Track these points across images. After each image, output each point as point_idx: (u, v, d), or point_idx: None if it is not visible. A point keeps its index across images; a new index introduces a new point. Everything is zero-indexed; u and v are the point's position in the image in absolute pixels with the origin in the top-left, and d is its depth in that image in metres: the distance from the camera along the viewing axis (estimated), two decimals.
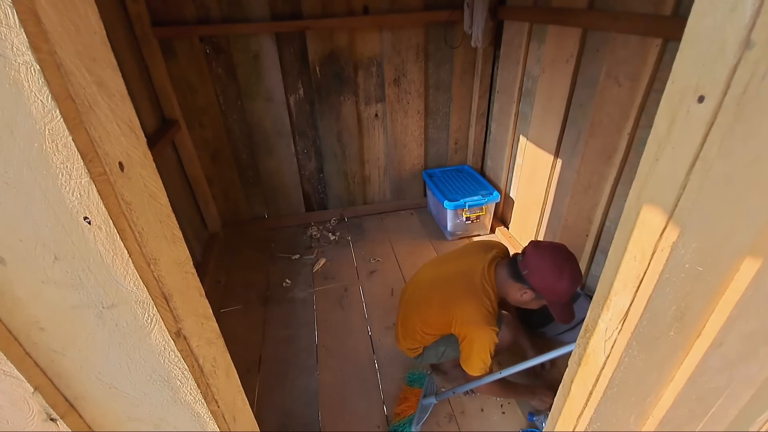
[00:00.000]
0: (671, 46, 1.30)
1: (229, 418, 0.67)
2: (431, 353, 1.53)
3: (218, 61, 2.21)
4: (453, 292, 1.36)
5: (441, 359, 1.55)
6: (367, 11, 2.24)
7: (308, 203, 2.84)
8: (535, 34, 2.00)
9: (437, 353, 1.52)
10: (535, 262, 1.25)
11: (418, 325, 1.44)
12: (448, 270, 1.45)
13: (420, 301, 1.46)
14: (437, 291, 1.41)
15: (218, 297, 2.17)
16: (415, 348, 1.53)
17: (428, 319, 1.41)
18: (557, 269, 1.22)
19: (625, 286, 0.54)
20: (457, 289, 1.35)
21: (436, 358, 1.55)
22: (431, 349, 1.52)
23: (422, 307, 1.44)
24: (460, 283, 1.36)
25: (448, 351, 1.49)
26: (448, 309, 1.34)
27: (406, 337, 1.52)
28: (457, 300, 1.33)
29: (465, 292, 1.33)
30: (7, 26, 0.30)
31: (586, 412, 0.70)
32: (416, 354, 1.55)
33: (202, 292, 0.58)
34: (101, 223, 0.40)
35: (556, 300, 1.28)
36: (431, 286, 1.45)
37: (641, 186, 0.48)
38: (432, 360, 1.57)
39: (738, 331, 0.57)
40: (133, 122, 0.44)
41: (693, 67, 0.39)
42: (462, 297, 1.32)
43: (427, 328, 1.43)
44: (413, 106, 2.61)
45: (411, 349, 1.54)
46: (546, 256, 1.24)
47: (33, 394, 0.51)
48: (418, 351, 1.53)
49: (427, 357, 1.55)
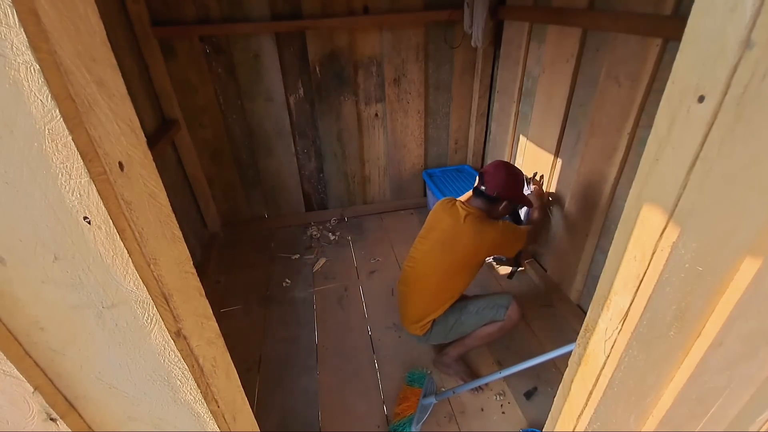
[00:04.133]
0: (671, 46, 1.30)
1: (229, 418, 0.67)
2: (440, 328, 1.54)
3: (218, 61, 2.21)
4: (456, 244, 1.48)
5: (449, 336, 1.57)
6: (367, 11, 2.24)
7: (308, 203, 2.84)
8: (535, 34, 2.00)
9: (447, 327, 1.54)
10: (496, 181, 1.50)
11: (433, 285, 1.51)
12: (436, 237, 1.54)
13: (427, 268, 1.53)
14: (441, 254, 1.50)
15: (218, 297, 2.17)
16: (425, 324, 1.54)
17: (445, 272, 1.50)
18: (512, 175, 1.53)
19: (625, 286, 0.54)
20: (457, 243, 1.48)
21: (445, 334, 1.56)
22: (441, 323, 1.53)
23: (430, 269, 1.52)
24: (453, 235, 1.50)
25: (457, 324, 1.52)
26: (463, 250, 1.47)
27: (413, 310, 1.56)
28: (462, 243, 1.47)
29: (469, 225, 1.47)
30: (6, 26, 0.30)
31: (586, 411, 0.70)
32: (425, 330, 1.55)
33: (202, 292, 0.57)
34: (101, 222, 0.40)
35: (522, 197, 1.62)
36: (432, 252, 1.53)
37: (641, 186, 0.48)
38: (440, 338, 1.58)
39: (738, 330, 0.57)
40: (133, 122, 0.44)
41: (693, 67, 0.39)
42: (470, 229, 1.47)
43: (442, 288, 1.51)
44: (413, 105, 2.61)
45: (420, 326, 1.55)
46: (500, 173, 1.51)
47: (33, 393, 0.51)
48: (427, 326, 1.55)
49: (436, 333, 1.56)
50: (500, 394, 1.58)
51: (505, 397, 1.57)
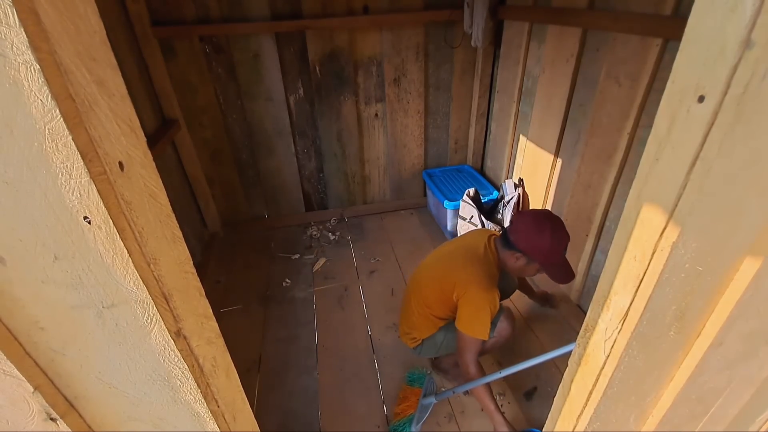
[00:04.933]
0: (671, 46, 1.30)
1: (229, 418, 0.67)
2: (430, 345, 1.54)
3: (218, 61, 2.21)
4: (455, 262, 1.41)
5: (440, 351, 1.56)
6: (367, 11, 2.24)
7: (308, 203, 2.84)
8: (535, 34, 2.00)
9: (435, 345, 1.53)
10: (518, 225, 1.35)
11: (416, 306, 1.47)
12: (449, 248, 1.51)
13: (421, 281, 1.49)
14: (439, 266, 1.46)
15: (218, 297, 2.17)
16: (414, 338, 1.54)
17: (429, 294, 1.44)
18: (537, 227, 1.30)
19: (625, 286, 0.54)
20: (460, 259, 1.41)
21: (435, 350, 1.56)
22: (429, 341, 1.53)
23: (423, 283, 1.48)
24: (464, 253, 1.42)
25: (445, 342, 1.51)
26: (449, 276, 1.38)
27: (405, 322, 1.55)
28: (458, 267, 1.39)
29: (467, 260, 1.38)
30: (7, 25, 0.30)
31: (586, 411, 0.70)
32: (415, 344, 1.56)
33: (202, 291, 0.57)
34: (101, 222, 0.40)
35: (546, 261, 1.33)
36: (433, 265, 1.50)
37: (641, 186, 0.48)
38: (431, 353, 1.58)
39: (738, 330, 0.57)
40: (133, 122, 0.44)
41: (693, 66, 0.39)
42: (464, 263, 1.38)
43: (425, 309, 1.45)
44: (413, 105, 2.61)
45: (411, 338, 1.56)
46: (527, 219, 1.34)
47: (33, 393, 0.51)
48: (417, 342, 1.55)
49: (426, 349, 1.56)
50: (500, 394, 1.58)
51: (505, 397, 1.58)
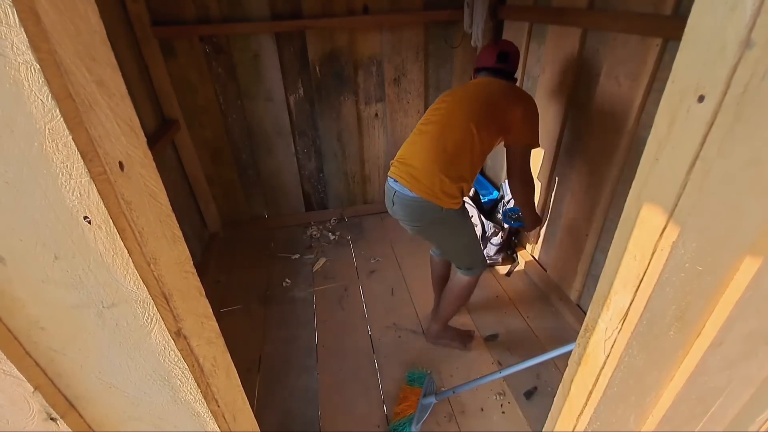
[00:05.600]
0: (671, 46, 1.30)
1: (229, 418, 0.67)
2: (437, 228, 1.49)
3: (218, 61, 2.21)
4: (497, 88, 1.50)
5: (438, 241, 1.61)
6: (367, 11, 2.24)
7: (308, 203, 2.84)
8: (535, 34, 2.00)
9: (441, 232, 1.51)
10: (517, 60, 1.60)
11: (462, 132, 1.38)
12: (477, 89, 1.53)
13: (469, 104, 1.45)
14: (481, 93, 1.49)
15: (218, 297, 2.17)
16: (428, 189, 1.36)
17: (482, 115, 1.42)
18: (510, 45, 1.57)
19: (625, 286, 0.54)
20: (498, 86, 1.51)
21: (437, 238, 1.58)
22: (439, 223, 1.44)
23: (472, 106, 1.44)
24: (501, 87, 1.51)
25: (446, 236, 1.53)
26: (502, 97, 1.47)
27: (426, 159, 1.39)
28: (506, 89, 1.49)
29: (510, 86, 1.52)
30: (7, 25, 0.30)
31: (586, 411, 0.70)
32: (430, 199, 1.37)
33: (202, 291, 0.57)
34: (101, 222, 0.40)
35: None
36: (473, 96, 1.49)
37: (641, 186, 0.48)
38: (432, 237, 1.59)
39: (738, 330, 0.57)
40: (133, 122, 0.44)
41: (693, 66, 0.39)
42: (509, 88, 1.51)
43: (470, 137, 1.38)
44: (413, 105, 2.61)
45: (424, 187, 1.37)
46: (514, 47, 1.58)
47: (33, 393, 0.51)
48: (453, 200, 1.40)
49: (432, 231, 1.52)
50: (500, 394, 1.58)
51: (505, 397, 1.58)
